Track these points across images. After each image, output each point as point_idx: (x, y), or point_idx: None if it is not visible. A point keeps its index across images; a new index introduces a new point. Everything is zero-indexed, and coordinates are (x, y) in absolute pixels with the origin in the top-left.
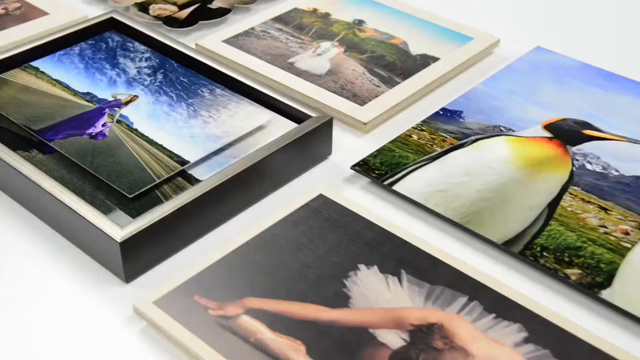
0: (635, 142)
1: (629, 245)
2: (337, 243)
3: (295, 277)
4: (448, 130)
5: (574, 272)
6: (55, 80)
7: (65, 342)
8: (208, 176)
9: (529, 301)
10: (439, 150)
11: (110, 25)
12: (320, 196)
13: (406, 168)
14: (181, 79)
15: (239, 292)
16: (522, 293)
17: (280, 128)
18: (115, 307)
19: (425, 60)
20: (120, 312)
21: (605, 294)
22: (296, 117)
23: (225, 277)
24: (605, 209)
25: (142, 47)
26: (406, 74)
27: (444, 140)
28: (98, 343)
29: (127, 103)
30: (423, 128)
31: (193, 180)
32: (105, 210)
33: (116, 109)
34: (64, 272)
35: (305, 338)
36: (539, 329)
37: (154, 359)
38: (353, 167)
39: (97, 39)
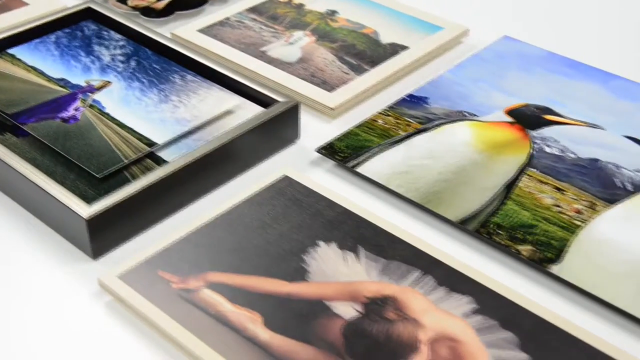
0: (593, 126)
1: (580, 224)
2: (299, 221)
3: (257, 253)
4: (413, 116)
5: (526, 249)
6: (31, 66)
7: (32, 316)
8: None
9: (480, 275)
10: (403, 134)
11: (88, 15)
12: (285, 177)
13: (370, 151)
14: (154, 65)
15: (202, 268)
16: (474, 268)
17: (249, 113)
18: (83, 282)
19: (395, 49)
20: (87, 287)
21: (555, 269)
22: (265, 102)
23: (189, 253)
24: (560, 190)
25: (117, 36)
26: (375, 61)
27: (408, 125)
28: (65, 316)
29: (99, 88)
30: (389, 113)
31: (162, 162)
32: (75, 190)
33: (89, 94)
34: (35, 250)
35: (263, 310)
36: (488, 302)
37: (118, 331)
38: (319, 150)
39: (74, 28)
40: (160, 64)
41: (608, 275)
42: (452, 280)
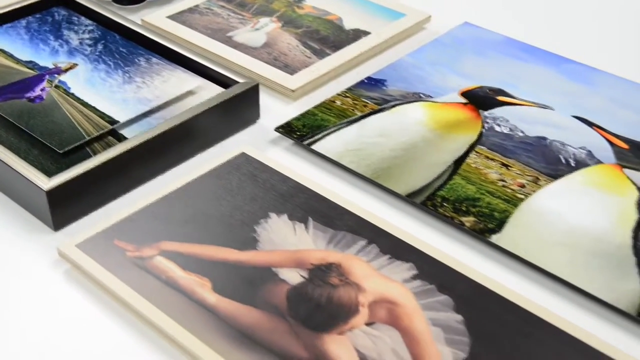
0: (543, 107)
1: (523, 197)
2: (252, 195)
3: (211, 224)
4: (370, 97)
5: (469, 220)
6: (0, 50)
7: None
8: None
9: (422, 244)
10: (359, 114)
11: (60, 1)
12: (243, 154)
13: (326, 130)
14: (121, 49)
15: (157, 237)
16: (417, 237)
17: (211, 94)
18: (44, 253)
19: (357, 35)
20: (48, 257)
21: (494, 238)
22: (227, 84)
23: (145, 224)
24: (506, 165)
25: (87, 22)
26: (337, 46)
27: (365, 106)
28: (25, 284)
29: (66, 70)
30: (347, 95)
31: (124, 140)
32: (38, 165)
33: (56, 75)
34: None
35: (213, 276)
36: (428, 268)
37: (76, 297)
38: (277, 129)
39: (44, 13)
40: (127, 47)
41: (544, 244)
42: (395, 248)
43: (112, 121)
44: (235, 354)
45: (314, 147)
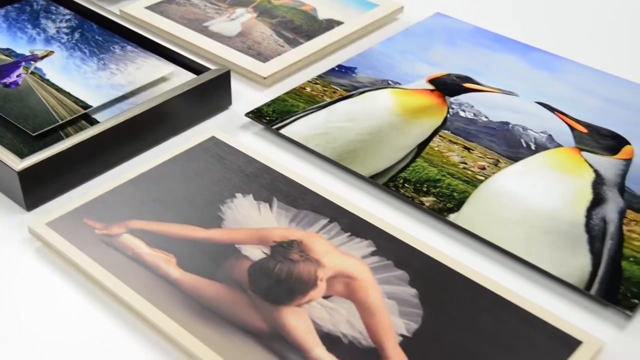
0: (508, 93)
1: (482, 178)
2: (220, 176)
3: (178, 203)
4: (340, 84)
5: (428, 200)
6: None
7: None
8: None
9: (382, 222)
10: (328, 100)
11: None
12: (213, 138)
13: (295, 115)
14: (97, 37)
15: (126, 216)
16: (377, 216)
17: (184, 80)
18: (16, 231)
19: (330, 24)
20: (20, 235)
21: (452, 217)
22: (200, 71)
23: (115, 204)
24: (468, 149)
25: (65, 11)
26: (310, 36)
27: (334, 92)
28: None
29: (42, 57)
30: (317, 82)
31: (96, 124)
32: (12, 148)
33: (32, 62)
34: None
35: (178, 252)
36: (385, 245)
37: (46, 274)
38: (247, 115)
39: (23, 3)
40: (103, 36)
41: (500, 222)
42: (355, 227)
43: (85, 106)
44: (196, 326)
45: (282, 131)
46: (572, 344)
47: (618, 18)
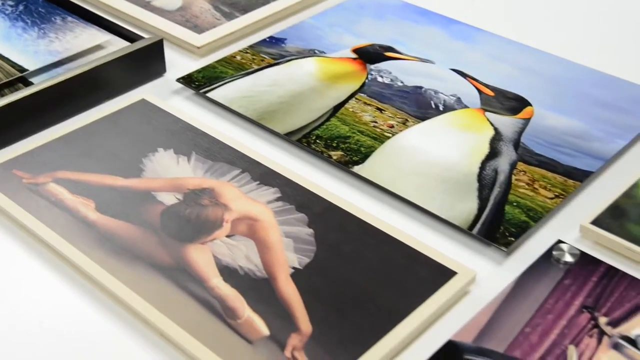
0: (425, 61)
1: (390, 135)
2: (145, 133)
3: (104, 158)
4: (269, 53)
5: (336, 154)
6: None
7: None
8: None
9: (290, 172)
10: (256, 67)
11: None
12: (143, 100)
13: (223, 80)
14: (40, 9)
15: (53, 169)
16: (285, 167)
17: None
18: None
19: (267, 0)
20: None
21: (356, 168)
22: (135, 40)
23: (44, 158)
24: (380, 110)
25: None
26: (247, 10)
27: (262, 60)
28: None
29: None
30: (247, 51)
31: None
32: None
33: None
34: None
35: (97, 198)
36: (290, 192)
37: None
38: (178, 80)
39: None
40: (46, 8)
41: (400, 173)
42: (264, 176)
43: (22, 70)
44: (109, 261)
45: (209, 95)
46: (448, 274)
47: None
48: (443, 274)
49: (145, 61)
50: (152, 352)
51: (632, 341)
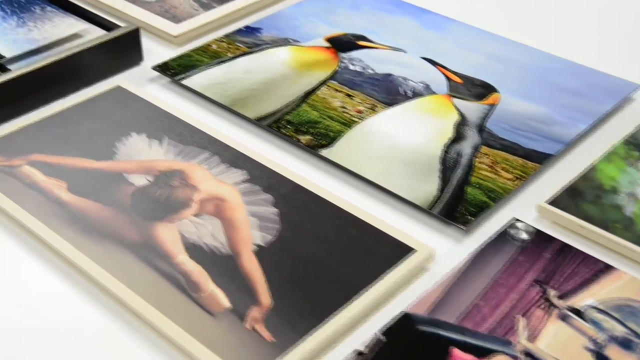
0: (396, 49)
1: (358, 120)
2: (120, 119)
3: (78, 142)
4: (244, 42)
5: (305, 138)
6: None
7: None
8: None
9: (259, 156)
10: (231, 55)
11: None
12: (118, 87)
13: (198, 69)
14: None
15: (28, 152)
16: (256, 151)
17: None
18: None
19: None
20: None
21: (324, 152)
22: (112, 29)
23: (20, 142)
24: (350, 96)
25: None
26: (225, 1)
27: (237, 49)
28: None
29: None
30: (223, 40)
31: None
32: None
33: None
34: None
35: (70, 179)
36: (258, 174)
37: None
38: (154, 68)
39: None
40: None
41: (366, 157)
42: (234, 159)
43: None
44: (79, 239)
45: (184, 82)
46: (407, 251)
47: None
48: (402, 250)
49: (122, 50)
50: (118, 322)
51: (578, 312)
